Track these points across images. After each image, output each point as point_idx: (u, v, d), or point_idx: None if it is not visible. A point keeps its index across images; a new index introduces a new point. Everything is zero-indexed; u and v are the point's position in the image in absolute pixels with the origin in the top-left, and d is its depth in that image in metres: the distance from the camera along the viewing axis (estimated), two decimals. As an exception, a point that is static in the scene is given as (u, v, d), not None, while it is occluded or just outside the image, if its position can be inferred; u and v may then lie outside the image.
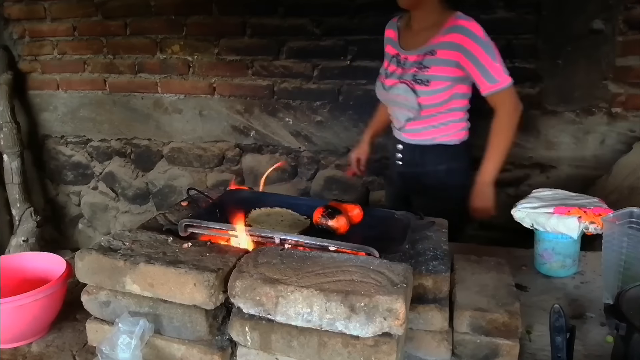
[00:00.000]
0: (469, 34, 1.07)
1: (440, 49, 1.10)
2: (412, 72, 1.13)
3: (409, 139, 1.22)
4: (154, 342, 0.74)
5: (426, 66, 1.12)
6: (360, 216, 0.88)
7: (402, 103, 1.17)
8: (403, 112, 1.19)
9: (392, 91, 1.17)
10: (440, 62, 1.10)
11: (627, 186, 1.40)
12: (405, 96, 1.14)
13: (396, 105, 1.20)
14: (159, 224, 0.89)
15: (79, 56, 1.97)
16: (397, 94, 1.16)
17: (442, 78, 1.10)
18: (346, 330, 0.63)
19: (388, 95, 1.20)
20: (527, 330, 0.84)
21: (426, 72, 1.11)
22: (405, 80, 1.14)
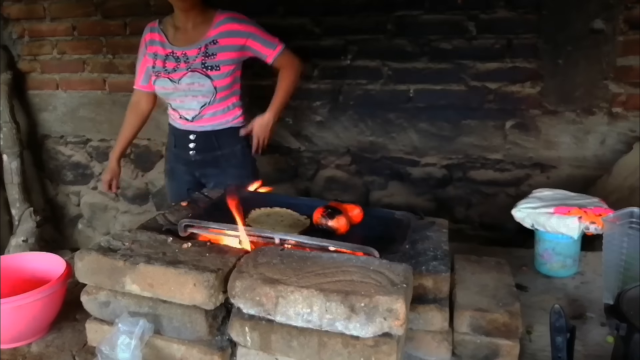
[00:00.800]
0: (239, 19, 1.28)
1: (220, 38, 1.26)
2: (199, 61, 1.26)
3: (203, 125, 1.32)
4: (153, 343, 0.74)
5: (213, 54, 1.26)
6: (360, 216, 0.88)
7: (197, 90, 1.28)
8: (198, 99, 1.29)
9: (183, 81, 1.27)
10: (225, 48, 1.26)
11: (628, 186, 1.40)
12: (200, 82, 1.27)
13: (190, 94, 1.29)
14: (159, 224, 0.90)
15: (78, 56, 1.96)
16: (191, 83, 1.27)
17: (228, 62, 1.27)
18: (346, 330, 0.63)
19: (179, 87, 1.28)
20: (527, 330, 0.84)
21: (214, 59, 1.26)
22: (195, 69, 1.26)
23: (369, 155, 1.77)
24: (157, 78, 1.30)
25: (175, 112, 1.34)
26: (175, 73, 1.27)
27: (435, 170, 1.71)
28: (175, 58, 1.28)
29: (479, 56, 1.54)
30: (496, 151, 1.63)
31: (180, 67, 1.27)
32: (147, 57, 1.32)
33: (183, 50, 1.27)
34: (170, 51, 1.28)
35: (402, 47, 1.61)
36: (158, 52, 1.30)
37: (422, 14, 1.57)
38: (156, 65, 1.30)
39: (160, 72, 1.29)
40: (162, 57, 1.29)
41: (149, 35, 1.33)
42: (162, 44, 1.30)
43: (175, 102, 1.32)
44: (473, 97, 1.59)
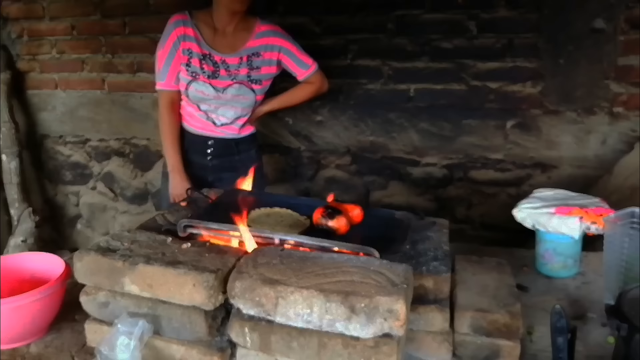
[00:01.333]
0: (281, 34, 1.27)
1: (264, 51, 1.24)
2: (244, 72, 1.23)
3: (228, 132, 1.31)
4: (153, 343, 0.74)
5: (257, 67, 1.24)
6: (360, 216, 0.87)
7: (240, 102, 1.26)
8: (236, 110, 1.28)
9: (229, 92, 1.24)
10: (267, 62, 1.25)
11: (629, 186, 1.39)
12: (245, 96, 1.25)
13: (230, 104, 1.26)
14: (158, 224, 0.89)
15: (77, 55, 1.96)
16: (236, 95, 1.24)
17: (269, 77, 1.28)
18: (346, 331, 0.63)
19: (222, 96, 1.24)
20: (528, 331, 0.84)
21: (259, 73, 1.24)
22: (240, 81, 1.24)
23: (369, 155, 1.77)
24: (193, 79, 1.21)
25: (199, 115, 1.26)
26: (218, 80, 1.21)
27: (436, 170, 1.71)
28: (214, 62, 1.21)
29: (479, 56, 1.54)
30: (497, 151, 1.63)
31: (221, 75, 1.21)
32: (182, 53, 1.20)
33: (222, 56, 1.21)
34: (208, 52, 1.20)
35: (402, 47, 1.60)
36: (193, 49, 1.20)
37: (422, 14, 1.56)
38: (192, 64, 1.20)
39: (198, 74, 1.21)
40: (198, 56, 1.20)
41: (182, 28, 1.20)
42: (198, 41, 1.20)
43: (209, 107, 1.26)
44: (474, 97, 1.59)
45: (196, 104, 1.27)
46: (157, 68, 1.25)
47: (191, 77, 1.22)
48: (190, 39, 1.21)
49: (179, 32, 1.21)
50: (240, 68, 1.22)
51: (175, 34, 1.21)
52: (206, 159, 1.32)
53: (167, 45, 1.22)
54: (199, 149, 1.31)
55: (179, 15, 1.23)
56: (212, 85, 1.22)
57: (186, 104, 1.29)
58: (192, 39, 1.21)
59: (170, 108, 1.28)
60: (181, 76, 1.24)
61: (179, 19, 1.22)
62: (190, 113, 1.30)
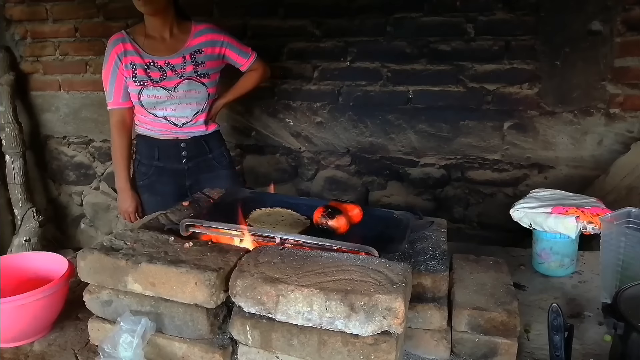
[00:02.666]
0: (217, 30, 1.33)
1: (205, 47, 1.30)
2: (190, 69, 1.28)
3: (194, 131, 1.34)
4: (155, 341, 0.74)
5: (202, 62, 1.29)
6: (360, 216, 0.88)
7: (193, 97, 1.30)
8: (192, 106, 1.31)
9: (180, 88, 1.28)
10: (210, 57, 1.31)
11: (625, 186, 1.40)
12: (196, 90, 1.29)
13: (185, 102, 1.30)
14: (161, 223, 0.90)
15: (80, 57, 1.97)
16: (188, 90, 1.28)
17: (215, 70, 1.33)
18: (346, 328, 0.64)
19: (175, 95, 1.28)
20: (525, 329, 0.84)
21: (204, 67, 1.29)
22: (190, 77, 1.28)
23: (368, 156, 1.78)
24: (142, 87, 1.26)
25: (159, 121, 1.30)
26: (167, 81, 1.26)
27: (434, 170, 1.72)
28: (159, 67, 1.26)
29: (477, 58, 1.55)
30: (494, 151, 1.64)
31: (169, 76, 1.26)
32: (124, 68, 1.27)
33: (165, 59, 1.27)
34: (150, 60, 1.26)
35: (401, 49, 1.61)
36: (135, 61, 1.26)
37: (421, 16, 1.58)
38: (137, 75, 1.26)
39: (146, 81, 1.26)
40: (142, 66, 1.26)
41: (121, 46, 1.27)
42: (139, 53, 1.27)
43: (165, 111, 1.30)
44: (471, 98, 1.60)
45: (152, 113, 1.31)
46: (105, 89, 1.31)
47: (140, 85, 1.27)
48: (131, 53, 1.27)
49: (118, 50, 1.27)
50: (185, 66, 1.27)
51: (114, 53, 1.28)
52: (181, 162, 1.34)
53: (109, 65, 1.29)
54: (172, 154, 1.33)
55: (116, 35, 1.30)
56: (162, 87, 1.27)
57: (143, 115, 1.32)
58: (132, 53, 1.27)
59: (121, 127, 1.33)
60: (130, 89, 1.29)
61: (117, 38, 1.29)
62: (150, 122, 1.33)
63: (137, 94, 1.28)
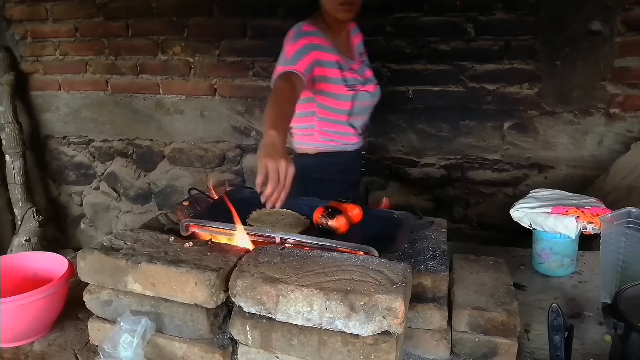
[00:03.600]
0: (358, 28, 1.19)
1: (363, 48, 1.19)
2: (370, 74, 1.18)
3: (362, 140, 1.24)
4: (155, 341, 0.74)
5: (369, 67, 1.20)
6: (359, 216, 0.88)
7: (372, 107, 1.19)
8: (367, 117, 1.19)
9: (376, 95, 1.17)
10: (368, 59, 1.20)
11: (625, 186, 1.40)
12: (379, 96, 1.19)
13: (370, 109, 1.18)
14: (161, 223, 0.90)
15: (80, 57, 1.97)
16: (379, 97, 1.19)
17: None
18: (346, 328, 0.64)
19: (369, 102, 1.15)
20: (525, 329, 0.85)
21: (367, 73, 1.17)
22: (375, 84, 1.18)
23: (368, 156, 1.77)
24: (355, 93, 1.08)
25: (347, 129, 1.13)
26: (366, 86, 1.12)
27: (434, 170, 1.72)
28: (353, 70, 1.11)
29: (477, 57, 1.55)
30: (494, 151, 1.64)
31: (360, 80, 1.11)
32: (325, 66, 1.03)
33: (350, 62, 1.11)
34: (345, 62, 1.09)
35: (401, 49, 1.61)
36: (332, 59, 1.05)
37: (421, 16, 1.58)
38: (347, 77, 1.07)
39: (357, 85, 1.09)
40: (345, 68, 1.08)
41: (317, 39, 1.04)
42: (332, 50, 1.06)
43: (361, 120, 1.15)
44: (471, 98, 1.60)
45: (351, 124, 1.13)
46: (285, 56, 1.01)
47: (352, 90, 1.08)
48: (326, 49, 1.05)
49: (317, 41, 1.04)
50: (365, 70, 1.13)
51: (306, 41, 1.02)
52: (359, 171, 1.23)
53: (299, 43, 1.01)
54: (357, 165, 1.22)
55: (306, 26, 1.05)
56: (368, 92, 1.13)
57: (337, 130, 1.13)
58: (328, 49, 1.05)
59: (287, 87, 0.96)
60: (336, 95, 1.07)
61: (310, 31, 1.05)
62: (341, 136, 1.15)
63: (350, 101, 1.07)
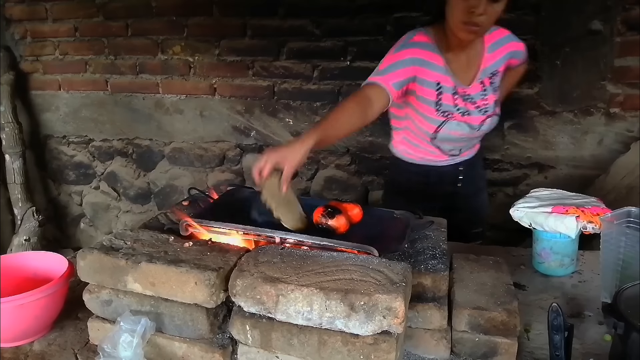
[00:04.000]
0: (514, 38, 1.01)
1: (500, 67, 0.99)
2: (491, 100, 1.02)
3: (466, 156, 1.13)
4: (155, 341, 0.74)
5: (497, 88, 1.02)
6: (359, 216, 0.88)
7: (478, 138, 1.06)
8: (463, 144, 1.07)
9: (483, 128, 1.02)
10: (500, 77, 1.01)
11: (625, 186, 1.40)
12: (492, 127, 1.04)
13: (478, 138, 1.09)
14: (161, 223, 0.90)
15: (80, 57, 1.98)
16: (487, 129, 1.04)
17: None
18: (346, 328, 0.64)
19: (474, 134, 1.02)
20: (525, 328, 0.84)
21: (488, 101, 1.00)
22: (493, 113, 1.01)
23: (368, 155, 1.78)
24: (446, 120, 0.98)
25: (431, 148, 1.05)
26: (471, 117, 0.98)
27: (435, 170, 1.72)
28: (462, 95, 0.97)
29: (478, 57, 1.56)
30: (494, 151, 1.64)
31: (469, 109, 0.97)
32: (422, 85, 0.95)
33: (464, 87, 0.97)
34: (453, 84, 0.96)
35: (401, 48, 1.62)
36: (442, 82, 0.95)
37: (420, 16, 1.57)
38: (442, 102, 0.96)
39: (452, 113, 0.97)
40: (450, 91, 0.96)
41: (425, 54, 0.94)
42: (445, 71, 0.95)
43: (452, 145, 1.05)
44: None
45: (438, 146, 1.04)
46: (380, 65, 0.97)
47: (444, 117, 0.98)
48: (435, 68, 0.95)
49: (425, 57, 0.95)
50: (486, 96, 0.97)
51: (411, 53, 0.94)
52: (456, 186, 1.13)
53: (401, 54, 0.95)
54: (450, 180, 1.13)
55: (419, 35, 0.95)
56: (467, 123, 0.99)
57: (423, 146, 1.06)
58: (438, 68, 0.95)
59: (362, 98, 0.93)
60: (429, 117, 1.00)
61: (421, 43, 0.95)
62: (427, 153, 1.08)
63: (436, 127, 0.98)
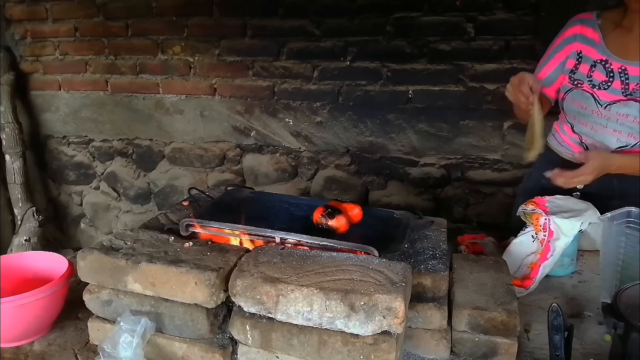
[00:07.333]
0: None
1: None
2: (636, 87, 0.94)
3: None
4: (155, 341, 0.75)
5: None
6: (360, 216, 0.88)
7: (625, 125, 0.97)
8: (620, 135, 0.98)
9: (614, 109, 0.96)
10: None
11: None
12: (635, 118, 0.95)
13: (613, 127, 0.98)
14: (161, 223, 0.90)
15: (80, 57, 1.98)
16: (622, 114, 0.96)
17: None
18: (346, 328, 0.64)
19: (602, 112, 0.97)
20: (525, 328, 0.84)
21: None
22: (634, 98, 0.94)
23: (368, 156, 1.78)
24: (574, 87, 0.99)
25: (572, 138, 1.04)
26: (604, 92, 0.96)
27: (434, 170, 1.72)
28: (609, 71, 0.95)
29: (477, 57, 1.55)
30: (494, 151, 1.64)
31: (614, 87, 0.95)
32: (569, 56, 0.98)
33: (623, 63, 0.94)
34: (604, 58, 0.96)
35: (401, 49, 1.61)
36: (585, 52, 0.97)
37: (420, 16, 1.58)
38: (578, 71, 0.98)
39: (583, 81, 0.97)
40: (589, 62, 0.97)
41: (582, 29, 0.98)
42: (596, 45, 0.96)
43: (583, 127, 1.01)
44: (471, 98, 1.60)
45: (571, 123, 1.04)
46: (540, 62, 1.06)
47: (572, 84, 1.00)
48: (585, 41, 0.98)
49: (570, 32, 1.01)
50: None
51: (568, 33, 1.01)
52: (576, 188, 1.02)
53: (556, 41, 1.03)
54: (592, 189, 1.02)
55: (582, 14, 1.02)
56: (594, 96, 0.97)
57: (563, 122, 1.07)
58: (587, 41, 0.98)
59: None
60: (563, 84, 1.03)
61: (579, 18, 1.01)
62: (564, 136, 1.07)
63: (564, 93, 1.01)
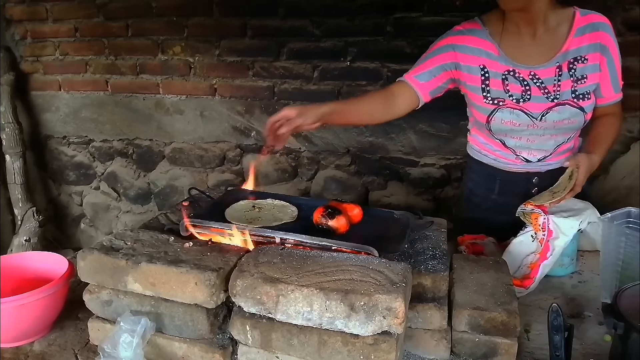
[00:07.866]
0: (610, 32, 0.92)
1: (591, 53, 0.91)
2: (567, 87, 0.92)
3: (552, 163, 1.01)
4: (155, 341, 0.75)
5: (583, 77, 0.92)
6: (360, 216, 0.88)
7: (564, 128, 0.95)
8: (557, 138, 0.97)
9: (549, 117, 0.93)
10: (592, 68, 0.92)
11: (625, 186, 1.40)
12: (571, 119, 0.93)
13: (550, 132, 0.96)
14: (161, 223, 0.90)
15: (80, 57, 1.98)
16: (559, 120, 0.93)
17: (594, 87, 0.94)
18: (346, 328, 0.64)
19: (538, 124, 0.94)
20: (525, 329, 0.84)
21: (585, 84, 0.92)
22: (565, 101, 0.91)
23: (368, 156, 1.78)
24: (497, 108, 0.93)
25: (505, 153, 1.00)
26: (530, 103, 0.91)
27: (434, 170, 1.72)
28: (520, 80, 0.91)
29: (478, 57, 1.56)
30: (495, 152, 1.64)
31: (535, 96, 0.91)
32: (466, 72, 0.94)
33: (530, 69, 0.91)
34: (510, 68, 0.92)
35: (401, 49, 1.62)
36: (488, 66, 0.92)
37: (420, 16, 1.58)
38: (490, 88, 0.93)
39: (503, 98, 0.92)
40: (499, 76, 0.92)
41: (472, 39, 0.94)
42: (494, 56, 0.92)
43: (518, 141, 0.97)
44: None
45: (500, 140, 0.99)
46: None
47: (494, 105, 0.94)
48: (482, 54, 0.94)
49: (470, 43, 0.95)
50: (560, 81, 0.90)
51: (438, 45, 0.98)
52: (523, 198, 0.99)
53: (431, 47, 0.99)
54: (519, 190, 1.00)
55: (467, 23, 0.97)
56: (523, 111, 0.92)
57: (484, 139, 1.03)
58: (486, 54, 0.93)
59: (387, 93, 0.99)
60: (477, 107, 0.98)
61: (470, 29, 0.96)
62: (492, 151, 1.03)
63: (487, 116, 0.95)
